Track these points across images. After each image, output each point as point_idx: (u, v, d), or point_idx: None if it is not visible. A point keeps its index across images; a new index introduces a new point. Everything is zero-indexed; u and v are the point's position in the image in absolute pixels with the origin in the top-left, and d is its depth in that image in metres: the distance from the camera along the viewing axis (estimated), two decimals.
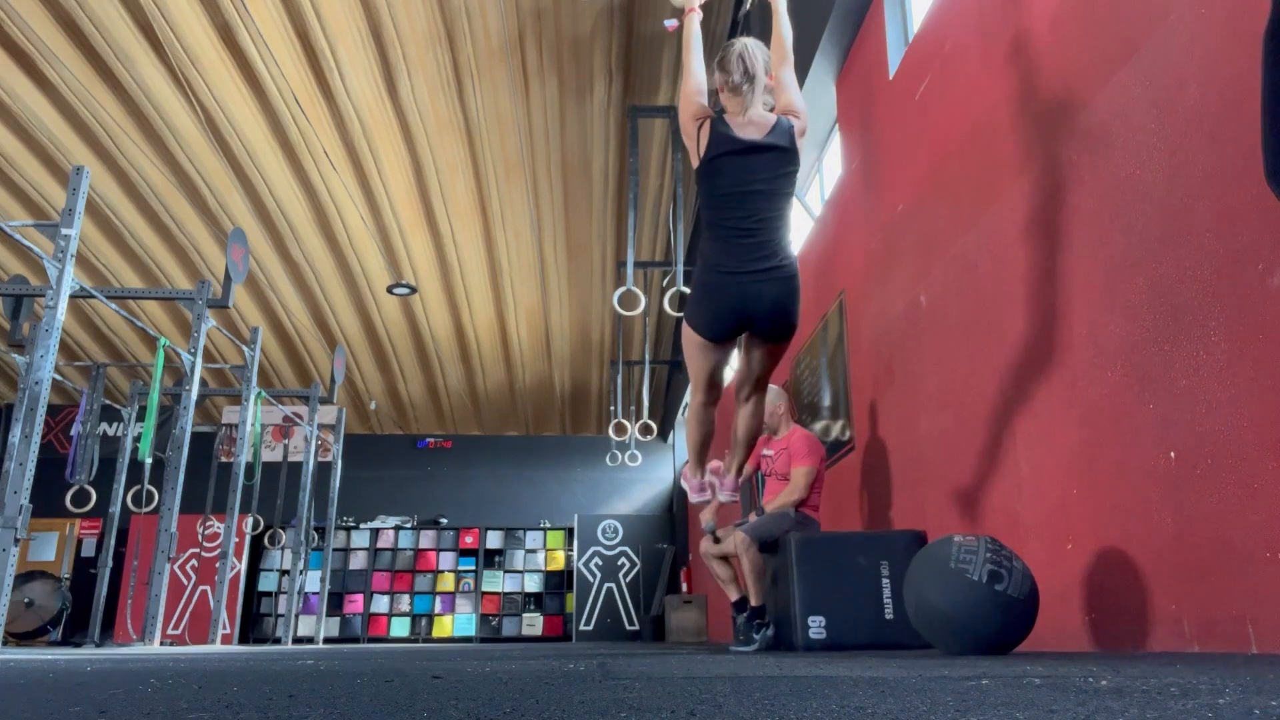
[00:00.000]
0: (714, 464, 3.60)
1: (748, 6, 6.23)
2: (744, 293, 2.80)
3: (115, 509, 8.39)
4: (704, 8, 3.25)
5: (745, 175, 2.78)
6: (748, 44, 2.86)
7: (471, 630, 13.58)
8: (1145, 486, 2.52)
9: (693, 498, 3.59)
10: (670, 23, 3.26)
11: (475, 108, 8.24)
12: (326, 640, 12.37)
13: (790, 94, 2.98)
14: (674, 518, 13.72)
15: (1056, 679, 1.36)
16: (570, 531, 13.72)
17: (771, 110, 2.94)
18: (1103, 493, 2.73)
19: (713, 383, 3.09)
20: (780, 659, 2.64)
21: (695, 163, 2.90)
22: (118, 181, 9.24)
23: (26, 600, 10.50)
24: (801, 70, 5.71)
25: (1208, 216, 2.29)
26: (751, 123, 2.83)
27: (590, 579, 12.98)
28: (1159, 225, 2.49)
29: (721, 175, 2.80)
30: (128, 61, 7.71)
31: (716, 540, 4.64)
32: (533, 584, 13.92)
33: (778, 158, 2.81)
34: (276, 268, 10.67)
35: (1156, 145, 2.51)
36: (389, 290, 11.02)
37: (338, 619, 13.32)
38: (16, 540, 4.44)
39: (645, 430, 10.39)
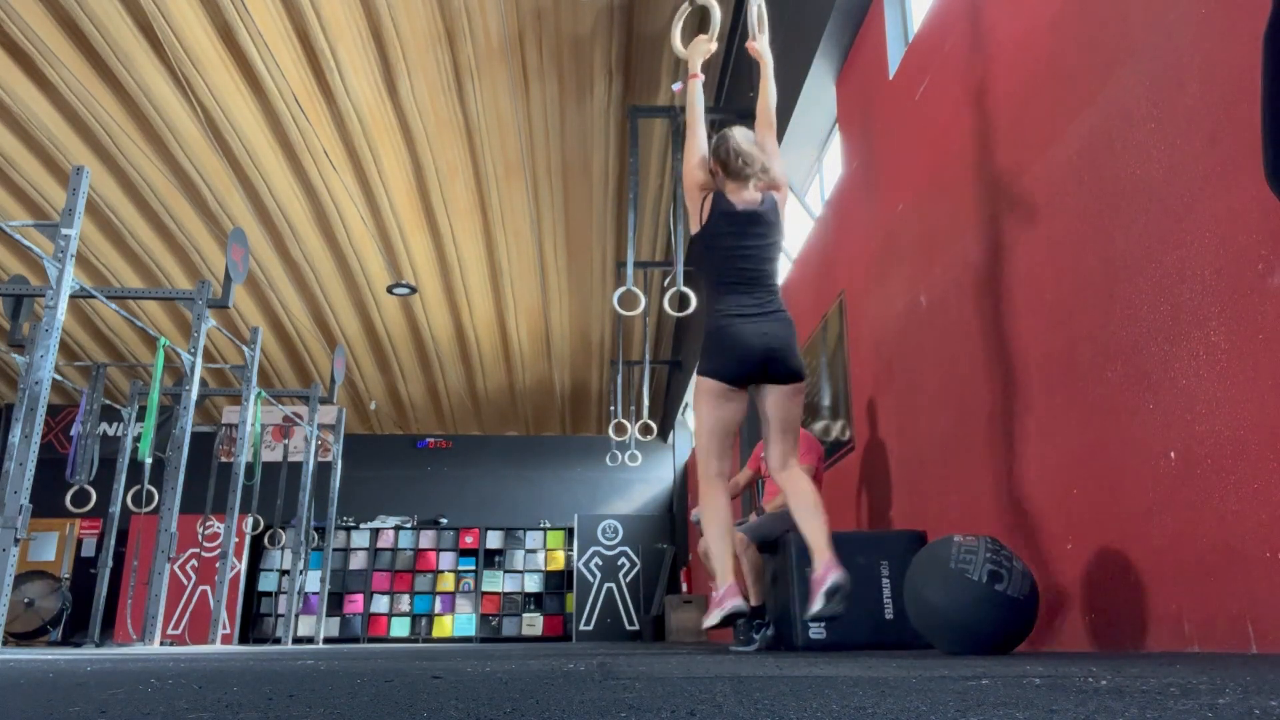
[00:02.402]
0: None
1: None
2: (760, 329, 3.03)
3: (115, 509, 8.39)
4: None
5: (741, 240, 3.12)
6: (741, 139, 3.15)
7: (471, 630, 13.58)
8: (1145, 486, 2.52)
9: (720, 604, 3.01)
10: (678, 86, 3.51)
11: (475, 108, 8.24)
12: (326, 640, 12.37)
13: (773, 161, 3.26)
14: (674, 518, 13.71)
15: (1056, 679, 1.36)
16: (570, 531, 13.72)
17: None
18: (1103, 493, 2.73)
19: (725, 444, 3.16)
20: (780, 659, 2.64)
21: (695, 228, 3.21)
22: (118, 181, 9.24)
23: (26, 600, 10.50)
24: (801, 70, 5.71)
25: (1208, 216, 2.29)
26: (745, 198, 3.17)
27: (590, 579, 12.98)
28: (1159, 225, 2.49)
29: (721, 240, 3.12)
30: (128, 61, 7.71)
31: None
32: (533, 584, 13.92)
33: (767, 229, 3.15)
34: (276, 268, 10.67)
35: (1156, 145, 2.51)
36: (389, 290, 11.02)
37: (338, 619, 13.32)
38: (16, 540, 4.44)
39: (645, 430, 10.39)
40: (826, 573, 2.80)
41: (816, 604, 2.80)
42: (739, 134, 3.16)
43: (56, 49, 7.57)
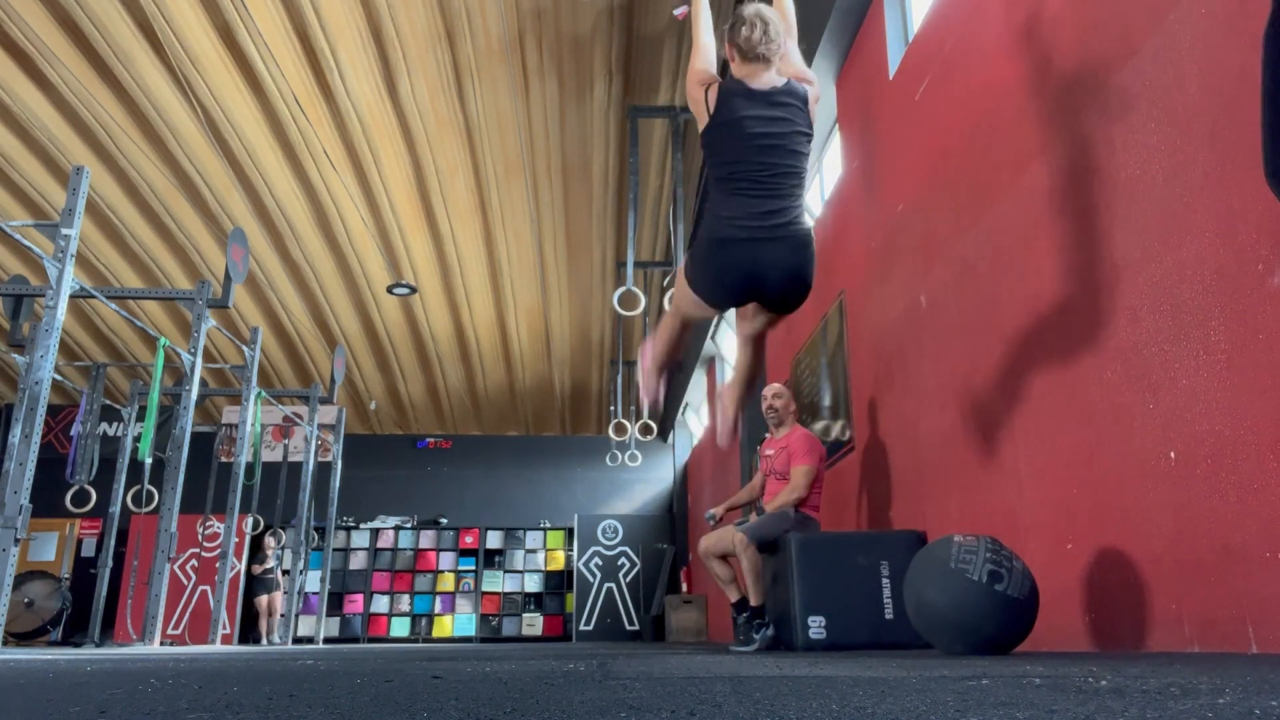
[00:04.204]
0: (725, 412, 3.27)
1: None
2: (756, 256, 2.60)
3: (115, 509, 8.39)
4: None
5: (758, 127, 2.62)
6: (761, 10, 2.71)
7: (471, 630, 13.58)
8: (1145, 486, 2.52)
9: (644, 394, 3.22)
10: (680, 10, 3.16)
11: (475, 108, 8.24)
12: (326, 640, 12.37)
13: (798, 64, 2.88)
14: (674, 518, 13.71)
15: (1056, 679, 1.36)
16: (570, 531, 13.72)
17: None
18: (1103, 493, 2.73)
19: (689, 327, 3.02)
20: (780, 659, 2.64)
21: (703, 122, 2.74)
22: (118, 181, 9.24)
23: (26, 600, 10.50)
24: None
25: (1208, 216, 2.29)
26: (764, 81, 2.71)
27: (590, 579, 12.98)
28: (1159, 225, 2.49)
29: (732, 127, 2.65)
30: (128, 61, 7.71)
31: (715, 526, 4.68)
32: (533, 584, 13.92)
33: (791, 113, 2.66)
34: (276, 268, 10.67)
35: (1156, 145, 2.51)
36: (389, 290, 11.02)
37: (338, 619, 13.32)
38: (16, 540, 4.44)
39: (645, 430, 10.39)
40: None
41: None
42: (761, 7, 2.72)
43: (56, 49, 7.56)
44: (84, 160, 8.76)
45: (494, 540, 14.09)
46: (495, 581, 13.85)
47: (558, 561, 13.98)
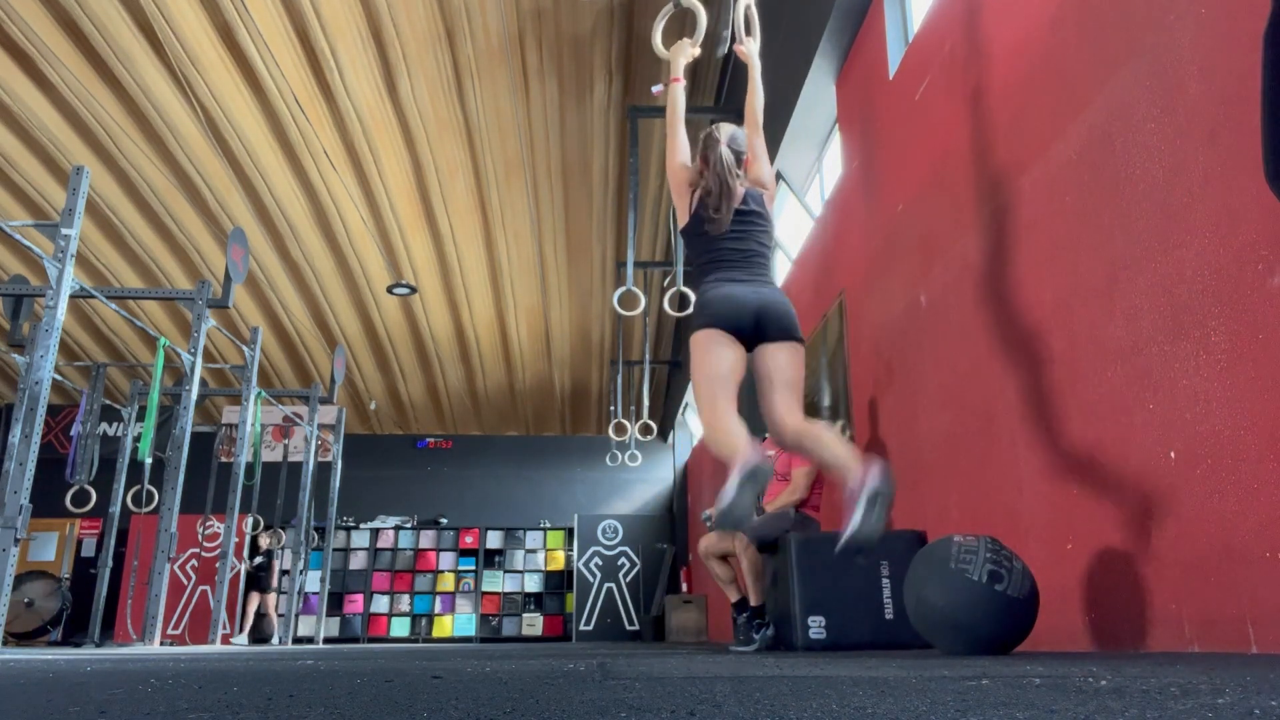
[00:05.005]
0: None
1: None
2: (753, 289, 2.97)
3: (115, 509, 8.39)
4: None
5: (728, 235, 3.09)
6: (735, 134, 3.13)
7: (471, 630, 13.58)
8: (1145, 486, 2.52)
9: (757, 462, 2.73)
10: (657, 88, 3.49)
11: (475, 108, 8.24)
12: (326, 640, 12.37)
13: (760, 164, 3.23)
14: (674, 517, 13.71)
15: (1056, 679, 1.36)
16: (570, 531, 13.72)
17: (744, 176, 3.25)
18: (1103, 493, 2.73)
19: (729, 392, 2.87)
20: (780, 659, 2.64)
21: (683, 221, 3.18)
22: (118, 181, 9.24)
23: (26, 600, 10.50)
24: (801, 70, 5.71)
25: (1208, 216, 2.29)
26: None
27: (590, 579, 12.98)
28: (1159, 225, 2.49)
29: (706, 233, 3.11)
30: (128, 61, 7.71)
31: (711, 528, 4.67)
32: (533, 584, 13.92)
33: (753, 218, 3.12)
34: (276, 268, 10.67)
35: (1156, 145, 2.51)
36: (389, 290, 11.02)
37: (338, 619, 13.32)
38: (16, 540, 4.44)
39: (645, 430, 10.39)
40: (866, 474, 2.44)
41: (856, 516, 2.37)
42: (725, 135, 3.14)
43: (56, 49, 7.56)
44: (84, 160, 8.76)
45: (494, 540, 14.09)
46: (495, 581, 13.85)
47: (558, 561, 13.98)
